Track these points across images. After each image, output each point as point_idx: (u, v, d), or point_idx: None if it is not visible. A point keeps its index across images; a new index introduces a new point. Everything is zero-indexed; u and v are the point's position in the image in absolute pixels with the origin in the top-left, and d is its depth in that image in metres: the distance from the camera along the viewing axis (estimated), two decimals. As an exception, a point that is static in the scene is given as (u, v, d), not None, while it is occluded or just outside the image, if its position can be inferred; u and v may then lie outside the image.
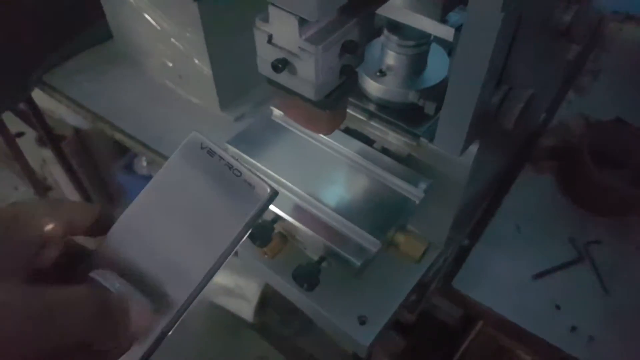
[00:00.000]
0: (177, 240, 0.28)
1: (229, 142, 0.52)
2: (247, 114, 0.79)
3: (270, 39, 0.36)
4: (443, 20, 0.41)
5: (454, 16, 0.42)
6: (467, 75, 0.35)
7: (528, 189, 0.68)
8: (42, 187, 1.38)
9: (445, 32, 0.41)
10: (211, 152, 0.28)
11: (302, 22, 0.33)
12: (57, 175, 1.33)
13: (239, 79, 0.75)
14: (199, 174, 0.28)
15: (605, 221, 0.64)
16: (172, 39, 0.73)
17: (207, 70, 0.73)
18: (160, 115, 0.80)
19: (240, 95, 0.79)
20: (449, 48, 0.52)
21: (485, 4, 0.31)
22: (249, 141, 0.53)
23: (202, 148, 0.28)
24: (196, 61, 0.73)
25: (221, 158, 0.28)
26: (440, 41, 0.47)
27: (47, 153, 1.25)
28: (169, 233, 0.28)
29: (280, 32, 0.35)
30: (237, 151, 0.52)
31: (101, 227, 0.28)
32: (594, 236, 0.63)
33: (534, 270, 0.60)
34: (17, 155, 1.24)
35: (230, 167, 0.28)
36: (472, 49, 0.34)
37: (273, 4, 0.33)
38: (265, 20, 0.35)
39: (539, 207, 0.66)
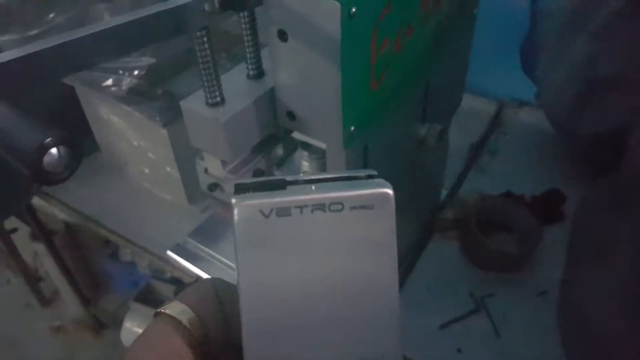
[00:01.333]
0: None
1: (188, 236, 0.68)
2: (211, 205, 0.96)
3: (206, 170, 0.54)
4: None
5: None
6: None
7: (437, 254, 0.84)
8: (33, 278, 1.50)
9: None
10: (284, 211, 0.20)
11: (224, 161, 0.51)
12: (48, 266, 1.46)
13: (203, 180, 0.94)
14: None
15: (498, 276, 0.80)
16: (149, 153, 0.92)
17: (176, 174, 0.91)
18: (140, 212, 0.96)
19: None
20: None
21: (332, 143, 0.49)
22: (206, 234, 0.69)
23: (263, 215, 0.20)
24: (167, 169, 0.91)
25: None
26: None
27: (39, 247, 1.39)
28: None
29: (211, 166, 0.53)
30: (196, 243, 0.68)
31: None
32: (489, 290, 0.78)
33: (440, 321, 0.74)
34: (12, 251, 1.38)
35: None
36: (334, 168, 0.52)
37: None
38: (202, 158, 0.53)
39: (445, 269, 0.82)
